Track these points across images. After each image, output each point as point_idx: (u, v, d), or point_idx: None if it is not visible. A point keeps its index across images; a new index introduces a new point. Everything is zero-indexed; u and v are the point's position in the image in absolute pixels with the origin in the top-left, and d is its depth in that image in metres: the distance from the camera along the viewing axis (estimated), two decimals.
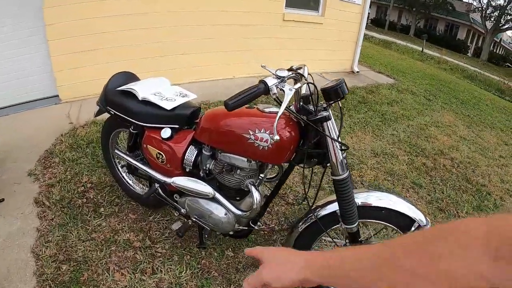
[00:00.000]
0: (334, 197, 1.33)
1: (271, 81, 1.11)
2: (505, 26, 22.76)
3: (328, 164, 1.26)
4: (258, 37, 4.55)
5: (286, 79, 1.15)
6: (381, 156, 3.12)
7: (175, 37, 3.87)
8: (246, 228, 1.57)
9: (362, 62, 6.94)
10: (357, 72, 5.94)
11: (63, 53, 3.19)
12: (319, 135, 1.24)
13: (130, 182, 2.11)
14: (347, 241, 1.43)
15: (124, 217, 2.01)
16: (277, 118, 1.06)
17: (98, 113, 1.90)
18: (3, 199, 2.12)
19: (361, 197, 1.33)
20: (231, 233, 1.60)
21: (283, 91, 1.12)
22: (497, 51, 31.80)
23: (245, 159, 1.37)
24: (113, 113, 1.73)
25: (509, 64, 24.17)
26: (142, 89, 1.64)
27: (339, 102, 1.20)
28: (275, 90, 1.11)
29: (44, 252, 1.77)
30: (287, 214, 2.19)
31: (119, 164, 2.10)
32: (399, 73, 6.72)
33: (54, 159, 2.47)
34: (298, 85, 1.17)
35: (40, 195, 2.15)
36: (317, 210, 1.41)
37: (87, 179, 2.29)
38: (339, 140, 1.22)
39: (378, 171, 2.84)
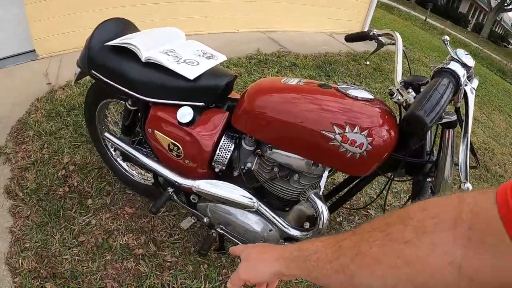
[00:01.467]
0: None
1: (460, 71, 0.83)
2: (510, 7, 22.87)
3: (428, 179, 0.98)
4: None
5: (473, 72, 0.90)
6: None
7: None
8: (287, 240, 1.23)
9: (371, 25, 6.79)
10: (373, 32, 5.56)
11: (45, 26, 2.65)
12: (424, 141, 0.98)
13: (124, 165, 1.72)
14: None
15: (119, 212, 1.66)
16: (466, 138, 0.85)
17: (79, 76, 1.42)
18: None
19: None
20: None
21: (466, 93, 0.87)
22: (497, 30, 32.16)
23: (310, 161, 1.01)
24: (100, 78, 1.25)
25: (506, 44, 25.44)
26: (146, 45, 1.17)
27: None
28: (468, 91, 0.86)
29: (22, 264, 1.44)
30: (344, 225, 1.83)
31: (111, 146, 1.67)
32: (407, 40, 6.65)
33: (28, 132, 2.06)
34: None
35: (11, 182, 1.78)
36: None
37: (68, 159, 1.90)
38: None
39: None
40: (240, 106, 1.06)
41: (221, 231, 1.26)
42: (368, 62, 4.05)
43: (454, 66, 0.83)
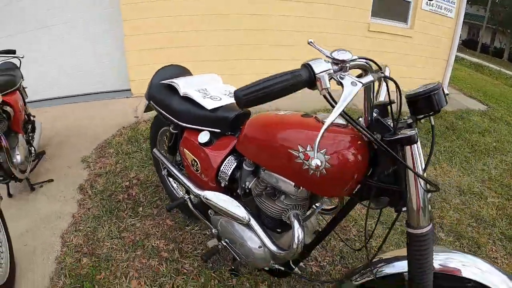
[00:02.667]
0: (404, 252, 1.01)
1: (320, 66, 0.79)
2: None
3: (403, 209, 0.96)
4: (339, 47, 4.46)
5: (348, 65, 0.83)
6: (468, 195, 2.75)
7: (250, 40, 4.03)
8: (283, 268, 1.36)
9: (452, 84, 6.68)
10: (447, 94, 5.45)
11: (136, 49, 3.52)
12: (397, 165, 0.94)
13: (175, 185, 2.08)
14: None
15: (161, 222, 1.97)
16: (322, 129, 0.78)
17: (147, 108, 1.90)
18: (52, 180, 2.28)
19: (439, 259, 1.00)
20: (266, 268, 1.40)
21: (342, 84, 0.81)
22: None
23: (293, 183, 1.15)
24: (155, 108, 1.71)
25: None
26: (186, 84, 1.59)
27: (431, 118, 0.92)
28: (326, 82, 0.79)
29: (72, 240, 1.81)
30: (344, 253, 1.90)
31: (163, 164, 2.09)
32: (492, 99, 6.33)
33: (109, 150, 2.62)
34: (369, 78, 0.85)
35: (86, 183, 2.27)
36: (379, 265, 1.11)
37: (134, 174, 2.35)
38: (425, 176, 0.89)
39: (462, 214, 2.48)
40: (241, 133, 1.31)
41: (225, 244, 1.45)
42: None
43: (315, 61, 0.81)
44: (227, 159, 1.38)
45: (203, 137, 1.45)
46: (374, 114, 0.99)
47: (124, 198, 2.13)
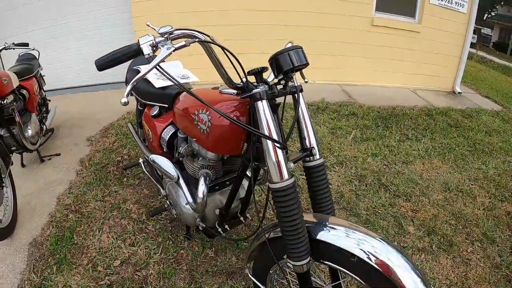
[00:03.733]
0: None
1: (144, 39, 1.01)
2: None
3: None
4: (341, 42, 4.65)
5: (169, 36, 1.02)
6: (453, 192, 2.73)
7: (250, 35, 4.32)
8: (212, 228, 1.61)
9: (469, 83, 6.48)
10: (459, 93, 5.51)
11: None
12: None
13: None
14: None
15: (139, 191, 2.36)
16: (134, 79, 1.02)
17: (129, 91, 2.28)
18: (59, 154, 2.75)
19: (336, 234, 0.99)
20: (200, 228, 1.64)
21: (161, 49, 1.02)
22: None
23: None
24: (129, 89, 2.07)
25: None
26: (146, 66, 1.93)
27: (294, 78, 1.08)
28: (147, 50, 1.00)
29: (64, 200, 2.24)
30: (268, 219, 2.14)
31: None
32: (511, 100, 6.03)
33: (111, 131, 3.06)
34: (182, 43, 1.00)
35: (86, 157, 2.72)
36: (270, 229, 1.18)
37: (127, 151, 2.77)
38: (272, 135, 1.01)
39: (441, 210, 2.47)
40: (174, 106, 1.60)
41: (169, 203, 1.77)
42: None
43: (143, 37, 1.02)
44: (167, 128, 1.70)
45: (153, 111, 1.80)
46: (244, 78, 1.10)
47: (113, 170, 2.54)
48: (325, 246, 0.99)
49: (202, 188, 1.39)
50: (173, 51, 1.00)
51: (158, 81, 1.81)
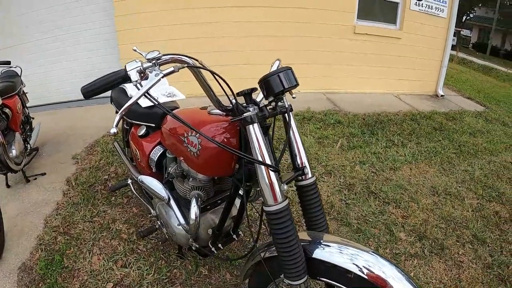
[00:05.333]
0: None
1: (131, 65, 1.01)
2: None
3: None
4: (324, 50, 4.77)
5: (157, 62, 1.03)
6: (442, 195, 2.83)
7: (235, 47, 4.38)
8: (205, 248, 1.63)
9: (451, 86, 6.75)
10: (442, 96, 5.73)
11: (131, 57, 3.94)
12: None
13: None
14: None
15: (128, 210, 2.36)
16: (123, 107, 1.00)
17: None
18: (44, 173, 2.73)
19: (330, 251, 1.04)
20: (193, 248, 1.66)
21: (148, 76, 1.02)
22: None
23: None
24: (116, 109, 2.08)
25: None
26: (133, 87, 1.89)
27: (285, 99, 1.11)
28: (135, 77, 1.01)
29: (52, 222, 2.23)
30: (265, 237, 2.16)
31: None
32: (493, 100, 6.34)
33: (97, 148, 3.06)
34: (170, 69, 0.99)
35: (72, 176, 2.71)
36: (265, 248, 1.20)
37: (113, 169, 2.76)
38: (264, 158, 1.04)
39: (431, 214, 2.56)
40: (161, 127, 1.60)
41: (159, 224, 1.78)
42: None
43: (130, 62, 1.02)
44: (155, 148, 1.71)
45: (141, 130, 1.81)
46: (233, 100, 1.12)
47: (100, 189, 2.54)
48: (321, 264, 1.03)
49: (194, 210, 1.40)
50: (162, 77, 1.00)
51: (145, 101, 1.80)
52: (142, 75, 1.02)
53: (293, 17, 4.51)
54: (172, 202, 1.55)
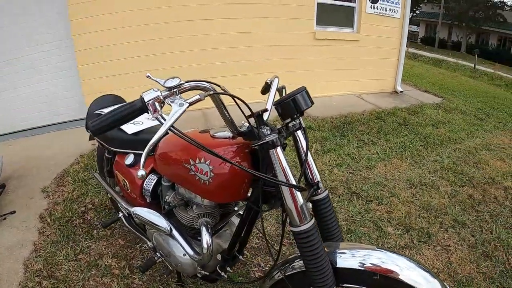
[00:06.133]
0: None
1: (149, 95, 0.93)
2: None
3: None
4: (289, 58, 4.90)
5: (178, 90, 0.96)
6: (418, 187, 3.02)
7: (199, 61, 4.38)
8: (211, 274, 1.58)
9: (407, 81, 7.18)
10: (401, 92, 6.11)
11: (92, 78, 3.80)
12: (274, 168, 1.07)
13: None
14: None
15: (114, 242, 2.27)
16: (149, 144, 0.90)
17: (90, 137, 2.14)
18: (14, 211, 2.55)
19: (356, 257, 1.07)
20: (198, 275, 1.61)
21: (171, 106, 0.94)
22: None
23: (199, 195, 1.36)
24: (91, 136, 1.96)
25: None
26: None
27: (301, 119, 1.12)
28: (156, 107, 0.93)
29: (33, 266, 2.09)
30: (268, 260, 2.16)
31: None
32: (448, 91, 6.85)
33: (67, 178, 2.90)
34: (196, 98, 0.95)
35: (45, 212, 2.55)
36: (286, 265, 1.22)
37: (89, 200, 2.64)
38: (290, 180, 1.04)
39: (412, 206, 2.73)
40: (155, 153, 1.49)
41: (159, 255, 1.70)
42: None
43: (147, 92, 0.94)
44: (148, 176, 1.60)
45: (129, 159, 1.70)
46: (246, 124, 1.13)
47: (80, 223, 2.41)
48: (345, 271, 1.07)
49: (206, 238, 1.36)
50: (188, 107, 0.94)
51: (129, 126, 1.72)
52: (162, 105, 0.95)
53: (258, 27, 4.57)
54: (175, 232, 1.49)
